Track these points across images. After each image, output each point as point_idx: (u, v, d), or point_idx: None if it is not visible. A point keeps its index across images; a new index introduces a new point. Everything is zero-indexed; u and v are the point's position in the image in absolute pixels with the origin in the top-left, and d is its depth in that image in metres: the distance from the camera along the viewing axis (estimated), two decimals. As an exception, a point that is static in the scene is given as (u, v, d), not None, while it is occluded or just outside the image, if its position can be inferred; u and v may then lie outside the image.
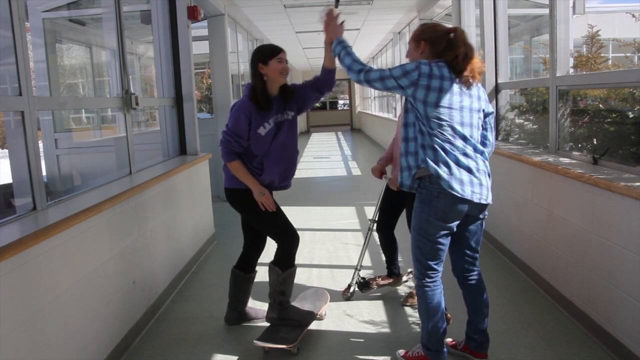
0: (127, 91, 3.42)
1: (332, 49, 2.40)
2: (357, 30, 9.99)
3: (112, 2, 3.39)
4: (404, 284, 3.45)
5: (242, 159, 2.67)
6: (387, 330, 2.89)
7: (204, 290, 3.63)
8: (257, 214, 2.72)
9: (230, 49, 6.86)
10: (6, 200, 4.83)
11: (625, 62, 3.68)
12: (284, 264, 2.75)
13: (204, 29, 6.67)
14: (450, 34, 2.23)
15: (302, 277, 3.76)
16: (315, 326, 2.94)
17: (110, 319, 2.62)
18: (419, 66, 2.14)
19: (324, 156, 12.36)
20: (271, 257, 2.80)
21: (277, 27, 9.16)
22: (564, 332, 2.73)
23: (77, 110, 7.17)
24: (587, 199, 2.66)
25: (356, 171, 9.60)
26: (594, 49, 3.60)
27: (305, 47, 12.65)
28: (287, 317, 2.78)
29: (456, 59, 2.17)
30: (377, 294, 3.36)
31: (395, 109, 10.91)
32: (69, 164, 6.30)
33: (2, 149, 14.08)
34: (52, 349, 2.10)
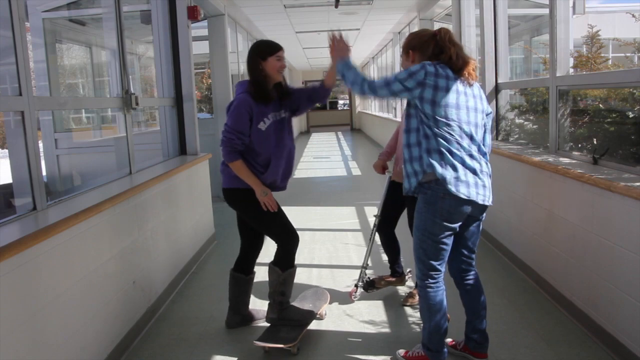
0: (127, 91, 3.42)
1: (337, 69, 2.39)
2: (357, 30, 9.99)
3: (112, 2, 3.39)
4: (405, 283, 3.45)
5: (245, 159, 2.67)
6: (387, 330, 2.89)
7: (204, 290, 3.63)
8: (257, 214, 2.71)
9: (230, 49, 6.86)
10: (6, 200, 4.83)
11: (625, 62, 3.68)
12: (284, 264, 2.75)
13: (204, 29, 6.67)
14: (435, 37, 2.23)
15: (302, 277, 3.76)
16: (315, 326, 2.94)
17: (110, 319, 2.62)
18: (424, 66, 2.14)
19: (324, 156, 12.37)
20: (271, 257, 2.80)
21: (277, 27, 9.16)
22: (564, 332, 2.73)
23: (77, 110, 7.17)
24: (587, 199, 2.66)
25: (356, 171, 9.60)
26: (594, 49, 3.60)
27: (305, 47, 12.66)
28: (287, 317, 2.78)
29: (451, 60, 2.17)
30: (377, 294, 3.36)
31: (395, 109, 10.91)
32: (69, 164, 6.30)
33: (2, 149, 14.08)
34: (52, 349, 2.10)
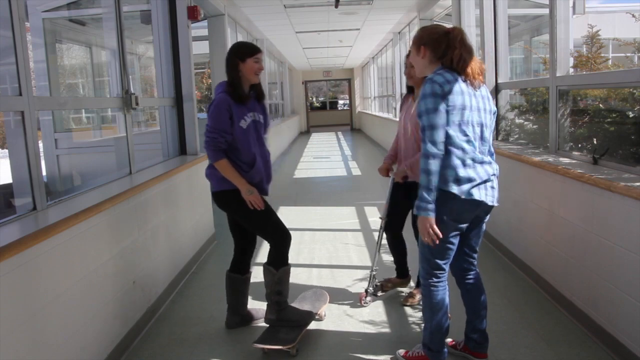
0: (127, 91, 3.42)
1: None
2: (357, 30, 9.99)
3: (112, 2, 3.39)
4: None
5: (229, 158, 2.68)
6: (387, 330, 2.89)
7: (204, 290, 3.63)
8: (248, 215, 2.72)
9: (230, 49, 6.85)
10: (6, 200, 4.83)
11: (625, 62, 3.68)
12: (278, 263, 2.75)
13: (204, 29, 6.67)
14: (448, 35, 2.20)
15: (302, 277, 3.76)
16: (315, 326, 2.94)
17: (110, 319, 2.62)
18: (431, 80, 2.10)
19: (324, 156, 12.36)
20: (266, 258, 2.80)
21: (277, 27, 9.16)
22: (564, 332, 2.73)
23: (77, 110, 7.17)
24: (587, 199, 2.66)
25: (356, 171, 9.60)
26: (594, 49, 3.60)
27: (305, 47, 12.65)
28: (286, 318, 2.77)
29: (452, 62, 2.16)
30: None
31: (395, 109, 10.91)
32: (69, 164, 6.30)
33: (2, 149, 14.08)
34: (52, 349, 2.10)
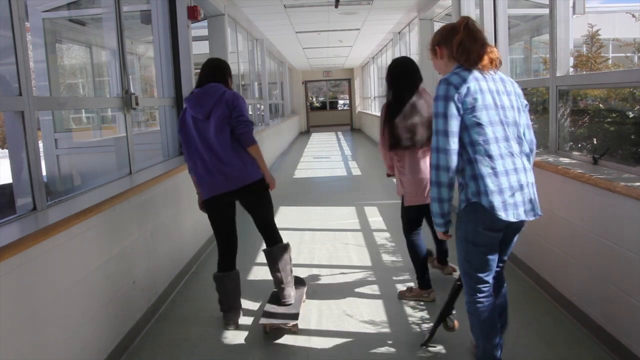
0: (127, 91, 3.42)
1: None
2: (357, 30, 9.99)
3: (112, 2, 3.39)
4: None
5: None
6: (387, 330, 2.89)
7: (204, 290, 3.63)
8: (269, 199, 3.01)
9: (230, 49, 6.86)
10: (6, 200, 4.83)
11: (625, 62, 3.69)
12: (281, 239, 3.05)
13: (204, 29, 6.67)
14: (456, 25, 2.09)
15: (302, 276, 3.76)
16: (315, 326, 2.95)
17: (110, 319, 2.63)
18: (446, 82, 2.00)
19: (324, 156, 12.36)
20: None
21: (277, 27, 9.16)
22: (564, 332, 2.73)
23: (77, 110, 7.17)
24: (587, 199, 2.66)
25: (356, 171, 9.60)
26: (594, 49, 3.61)
27: (305, 47, 12.65)
28: (295, 282, 3.17)
29: (452, 51, 2.04)
30: (377, 294, 3.37)
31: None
32: (69, 164, 6.31)
33: (2, 149, 14.08)
34: (52, 348, 2.10)
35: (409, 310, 3.12)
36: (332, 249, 4.48)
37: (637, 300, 2.27)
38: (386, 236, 4.73)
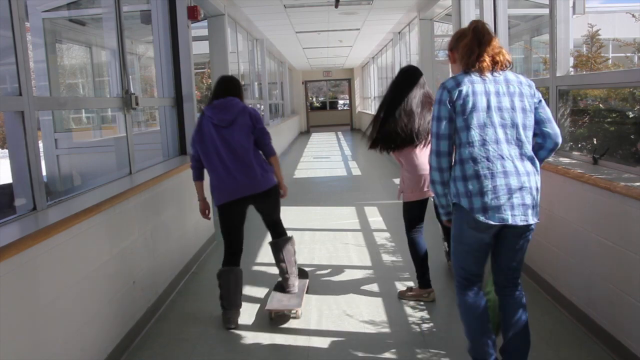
0: (127, 91, 3.42)
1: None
2: (357, 30, 9.99)
3: (112, 2, 3.39)
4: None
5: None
6: (387, 330, 2.89)
7: (204, 290, 3.63)
8: (280, 203, 3.29)
9: (230, 49, 6.86)
10: (6, 200, 4.83)
11: (625, 62, 3.69)
12: (286, 233, 3.32)
13: (204, 29, 6.67)
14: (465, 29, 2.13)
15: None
16: (315, 326, 2.95)
17: (110, 319, 2.62)
18: (442, 86, 2.07)
19: (324, 156, 12.36)
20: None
21: (277, 27, 9.16)
22: (564, 332, 2.73)
23: (77, 110, 7.17)
24: (587, 199, 2.66)
25: (356, 171, 9.60)
26: (594, 49, 3.61)
27: (305, 47, 12.65)
28: (299, 273, 3.39)
29: (463, 57, 2.09)
30: (377, 294, 3.37)
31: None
32: (69, 164, 6.30)
33: (2, 149, 14.08)
34: (52, 348, 2.10)
35: (409, 310, 3.12)
36: (332, 249, 4.48)
37: (637, 300, 2.27)
38: (386, 236, 4.73)
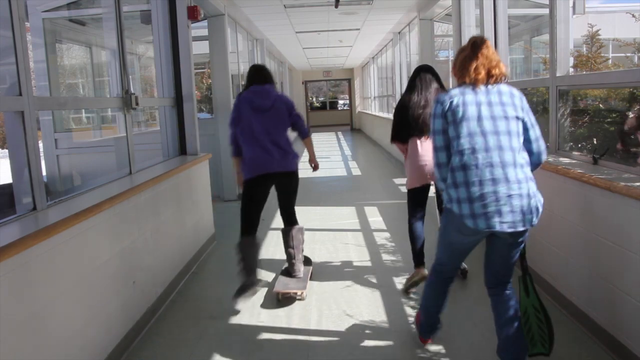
0: (127, 91, 3.42)
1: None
2: (357, 30, 9.99)
3: (112, 2, 3.39)
4: None
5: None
6: (387, 330, 2.89)
7: (204, 290, 3.63)
8: (297, 189, 3.61)
9: (230, 49, 6.86)
10: (6, 200, 4.83)
11: (625, 62, 3.68)
12: (298, 223, 3.63)
13: (204, 29, 6.67)
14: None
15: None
16: (315, 326, 2.95)
17: (110, 319, 2.63)
18: (436, 100, 2.20)
19: (324, 156, 12.36)
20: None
21: (277, 27, 9.16)
22: (564, 332, 2.73)
23: (77, 110, 7.17)
24: (587, 199, 2.66)
25: (356, 171, 9.60)
26: (594, 49, 3.61)
27: (305, 47, 12.65)
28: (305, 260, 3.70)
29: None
30: (377, 294, 3.37)
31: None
32: (69, 164, 6.30)
33: (2, 149, 14.08)
34: (52, 349, 2.10)
35: (409, 310, 3.12)
36: (332, 249, 4.48)
37: (637, 300, 2.27)
38: (386, 236, 4.73)
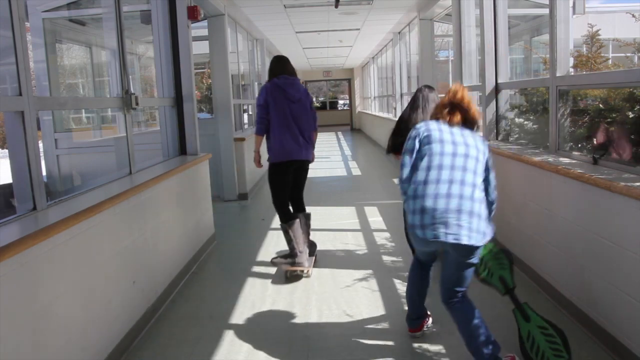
0: (127, 91, 3.42)
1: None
2: (357, 30, 9.99)
3: (112, 2, 3.39)
4: None
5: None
6: (387, 330, 2.89)
7: (204, 290, 3.64)
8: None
9: (230, 49, 6.86)
10: (6, 200, 4.83)
11: (625, 62, 3.68)
12: (305, 209, 4.10)
13: (204, 29, 6.67)
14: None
15: (303, 276, 3.77)
16: (315, 326, 2.96)
17: (110, 319, 2.63)
18: (412, 130, 2.47)
19: (324, 156, 12.36)
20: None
21: (277, 27, 9.16)
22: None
23: (77, 110, 7.17)
24: (587, 199, 2.66)
25: (356, 171, 9.60)
26: (594, 49, 3.60)
27: (305, 47, 12.65)
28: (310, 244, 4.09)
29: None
30: (377, 294, 3.37)
31: (395, 109, 10.91)
32: (69, 164, 6.30)
33: (2, 149, 14.08)
34: (52, 349, 2.10)
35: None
36: (332, 249, 4.48)
37: (637, 300, 2.27)
38: (386, 236, 4.73)
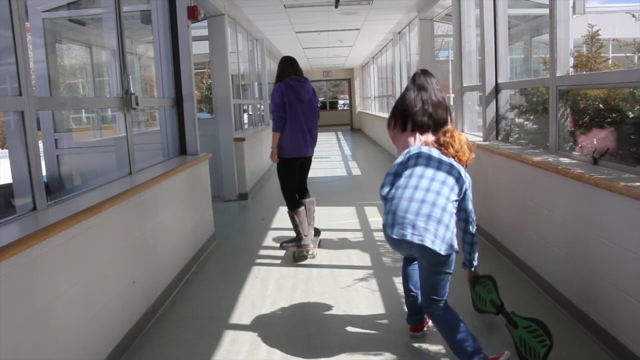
0: (127, 91, 3.42)
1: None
2: (357, 30, 9.99)
3: (112, 2, 3.39)
4: None
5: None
6: (387, 329, 2.89)
7: (204, 290, 3.64)
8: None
9: (230, 49, 6.86)
10: (6, 200, 4.83)
11: (625, 62, 3.68)
12: (310, 195, 4.43)
13: (204, 29, 6.67)
14: None
15: (302, 276, 3.77)
16: (315, 326, 2.96)
17: (110, 319, 2.63)
18: (402, 154, 2.64)
19: (324, 156, 12.36)
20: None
21: (277, 27, 9.16)
22: (564, 332, 2.73)
23: (77, 110, 7.17)
24: (587, 199, 2.66)
25: (356, 171, 9.60)
26: (594, 49, 3.60)
27: (305, 47, 12.65)
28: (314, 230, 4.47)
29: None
30: (377, 293, 3.37)
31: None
32: (69, 164, 6.30)
33: (2, 149, 14.08)
34: (52, 349, 2.10)
35: (409, 310, 3.12)
36: (332, 248, 4.48)
37: (637, 300, 2.27)
38: (386, 236, 4.72)
